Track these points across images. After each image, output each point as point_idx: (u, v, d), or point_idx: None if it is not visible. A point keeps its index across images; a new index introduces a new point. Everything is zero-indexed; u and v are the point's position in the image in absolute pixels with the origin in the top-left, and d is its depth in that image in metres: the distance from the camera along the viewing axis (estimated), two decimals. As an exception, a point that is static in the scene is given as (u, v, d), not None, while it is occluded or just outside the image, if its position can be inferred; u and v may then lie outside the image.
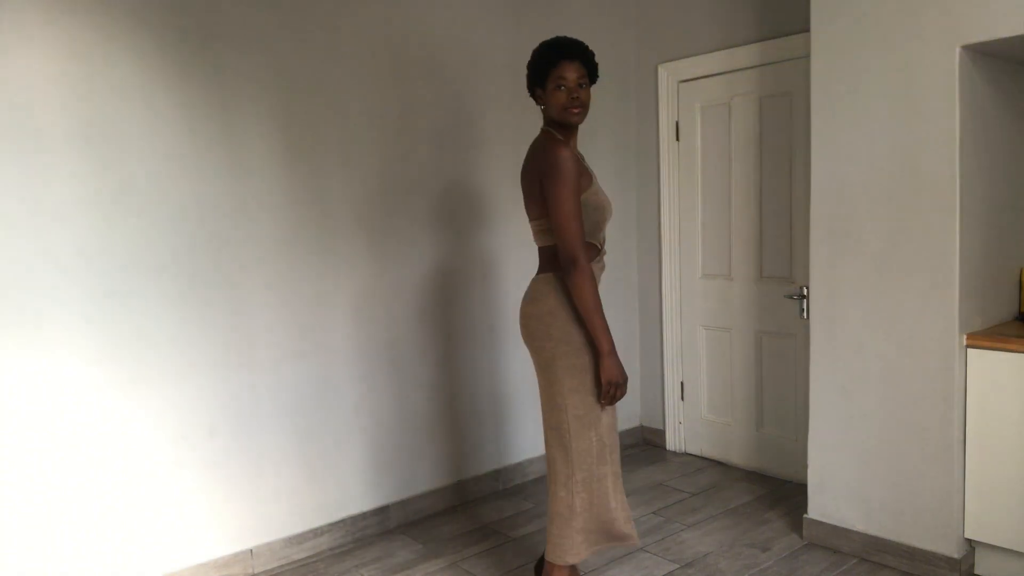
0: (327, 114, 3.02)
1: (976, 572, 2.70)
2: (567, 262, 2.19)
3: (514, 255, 3.64)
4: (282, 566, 2.95)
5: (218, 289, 2.78)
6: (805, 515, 3.04)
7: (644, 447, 4.30)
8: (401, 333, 3.29)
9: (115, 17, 2.51)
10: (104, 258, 2.52)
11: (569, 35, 2.37)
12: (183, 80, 2.66)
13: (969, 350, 2.60)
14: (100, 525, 2.55)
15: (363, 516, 3.20)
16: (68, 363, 2.47)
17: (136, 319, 2.60)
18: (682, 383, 4.16)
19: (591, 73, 2.32)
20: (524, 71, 2.62)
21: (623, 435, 4.26)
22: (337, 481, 3.12)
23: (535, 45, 2.33)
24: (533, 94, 2.35)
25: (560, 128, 2.33)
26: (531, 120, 2.63)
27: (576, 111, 2.27)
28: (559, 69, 2.25)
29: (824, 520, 2.98)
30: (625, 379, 2.25)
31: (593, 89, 2.42)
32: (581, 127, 2.44)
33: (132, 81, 2.56)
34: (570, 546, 2.29)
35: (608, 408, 2.30)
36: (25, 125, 2.36)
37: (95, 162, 2.49)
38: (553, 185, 2.19)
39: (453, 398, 3.50)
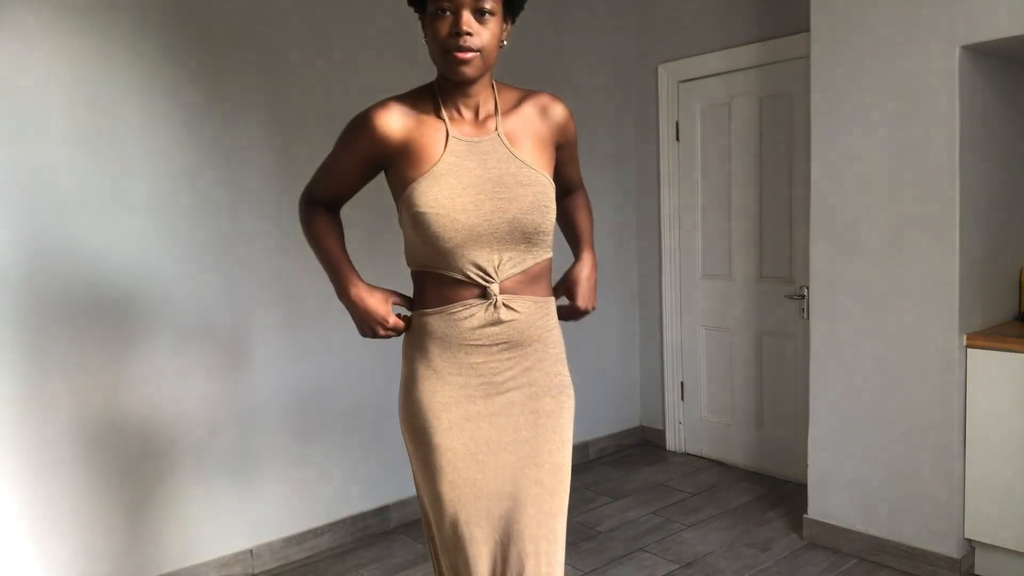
0: (326, 112, 3.02)
1: (976, 572, 2.69)
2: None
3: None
4: (282, 566, 2.95)
5: (216, 289, 2.78)
6: (805, 515, 3.04)
7: (644, 447, 4.30)
8: (401, 333, 3.29)
9: (114, 20, 2.51)
10: (99, 260, 2.52)
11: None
12: (181, 82, 2.66)
13: (969, 350, 2.60)
14: (100, 525, 2.55)
15: (363, 516, 3.19)
16: (66, 364, 2.47)
17: (133, 320, 2.60)
18: (682, 383, 4.16)
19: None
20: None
21: (624, 435, 4.26)
22: (337, 481, 3.12)
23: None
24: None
25: (441, 83, 1.49)
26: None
27: (462, 56, 1.39)
28: None
29: (824, 520, 2.97)
30: None
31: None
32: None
33: (130, 84, 2.56)
34: None
35: None
36: (21, 127, 2.36)
37: (91, 163, 2.49)
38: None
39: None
